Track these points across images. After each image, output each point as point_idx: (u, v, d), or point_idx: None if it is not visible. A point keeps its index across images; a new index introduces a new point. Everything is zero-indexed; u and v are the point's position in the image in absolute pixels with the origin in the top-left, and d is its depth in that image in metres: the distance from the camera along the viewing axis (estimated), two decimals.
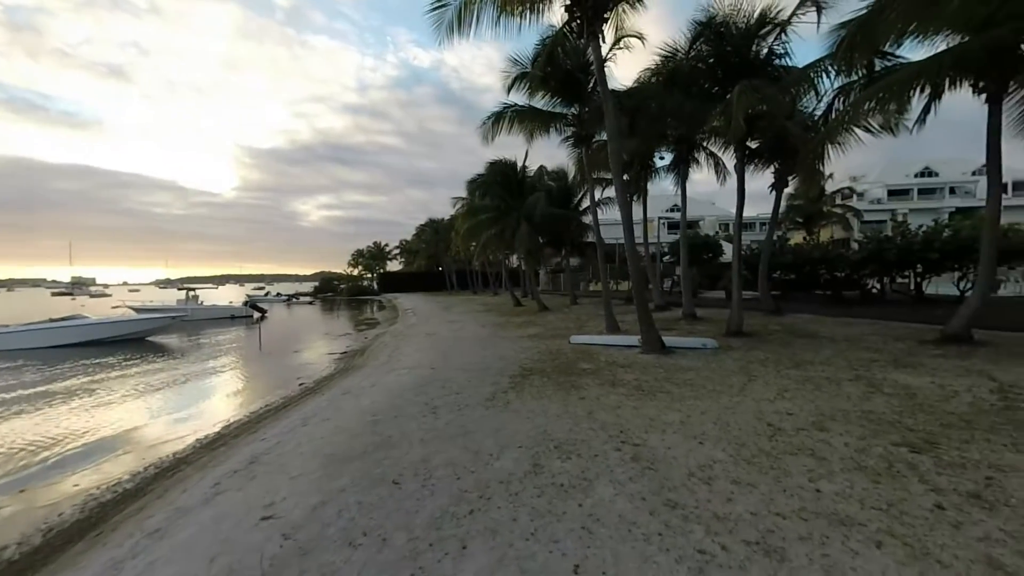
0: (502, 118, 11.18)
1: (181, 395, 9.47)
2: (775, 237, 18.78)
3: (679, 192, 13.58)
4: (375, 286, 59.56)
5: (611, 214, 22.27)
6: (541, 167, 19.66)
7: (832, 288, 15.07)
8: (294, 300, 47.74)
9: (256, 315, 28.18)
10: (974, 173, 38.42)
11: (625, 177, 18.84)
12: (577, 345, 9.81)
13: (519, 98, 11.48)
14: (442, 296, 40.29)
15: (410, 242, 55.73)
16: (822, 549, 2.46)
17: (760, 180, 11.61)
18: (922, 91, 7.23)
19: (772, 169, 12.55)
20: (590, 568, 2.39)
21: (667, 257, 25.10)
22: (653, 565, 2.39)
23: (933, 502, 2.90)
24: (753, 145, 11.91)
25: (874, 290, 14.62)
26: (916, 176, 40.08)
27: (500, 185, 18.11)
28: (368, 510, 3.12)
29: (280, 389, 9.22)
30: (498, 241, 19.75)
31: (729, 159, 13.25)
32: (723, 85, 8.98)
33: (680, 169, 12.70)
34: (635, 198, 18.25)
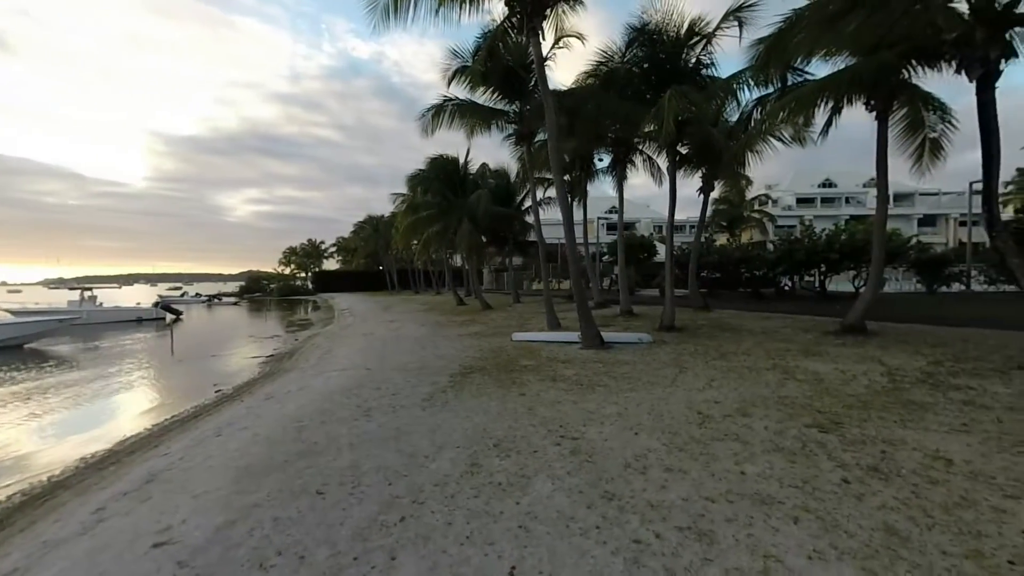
0: (442, 111, 10.89)
1: (68, 409, 8.24)
2: (702, 239, 20.10)
3: (617, 194, 14.06)
4: (309, 286, 56.22)
5: (553, 214, 22.67)
6: (484, 165, 19.59)
7: (752, 286, 16.40)
8: (216, 301, 43.82)
9: (169, 317, 25.47)
10: (865, 185, 43.73)
11: (567, 177, 19.27)
12: (519, 342, 9.80)
13: (460, 92, 11.29)
14: (382, 296, 38.89)
15: (348, 240, 53.18)
16: (747, 529, 2.55)
17: (691, 185, 12.34)
18: (825, 105, 8.01)
19: (700, 173, 13.37)
20: (526, 569, 2.29)
21: (606, 257, 26.02)
22: (590, 560, 2.34)
23: (840, 477, 3.13)
24: (683, 151, 12.63)
25: (786, 287, 16.10)
26: (819, 186, 44.94)
27: (442, 182, 17.74)
28: (285, 526, 2.82)
29: (193, 398, 8.31)
30: (440, 239, 19.35)
31: (663, 162, 13.95)
32: (656, 90, 9.39)
33: (617, 170, 13.14)
34: (576, 200, 18.73)
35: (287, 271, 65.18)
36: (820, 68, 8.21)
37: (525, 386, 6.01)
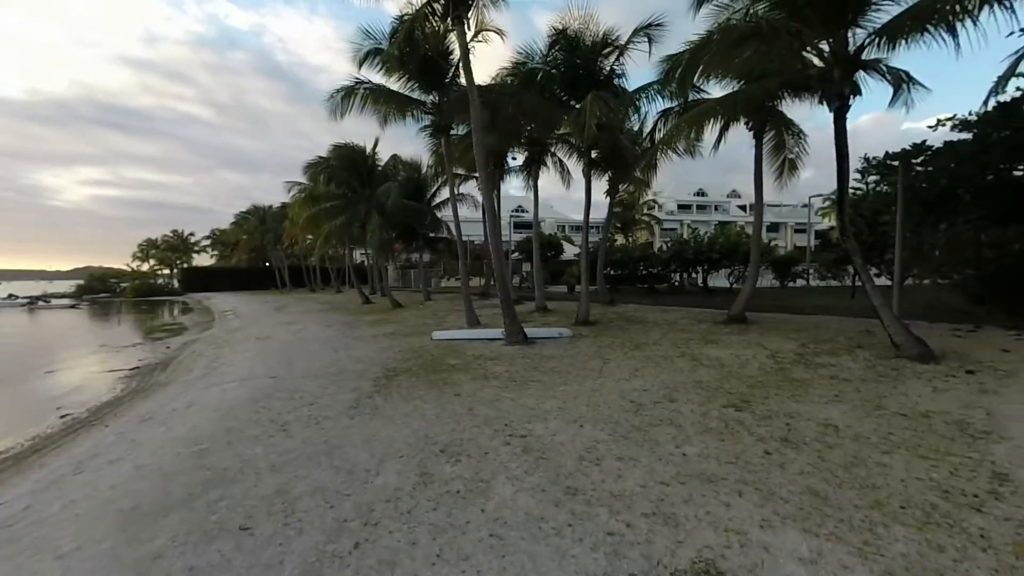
0: (353, 94, 10.03)
1: None
2: (613, 243, 21.63)
3: (529, 191, 14.38)
4: (175, 284, 48.30)
5: (465, 211, 22.47)
6: (394, 156, 18.54)
7: (648, 282, 18.10)
8: (42, 303, 35.38)
9: None
10: (728, 195, 50.99)
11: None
12: (440, 341, 9.50)
13: (374, 76, 10.53)
14: (272, 295, 34.96)
15: (227, 232, 46.63)
16: (704, 507, 2.73)
17: (597, 188, 13.06)
18: (717, 123, 9.07)
19: (607, 177, 14.28)
20: None
21: (515, 254, 26.57)
22: (571, 560, 2.31)
23: (763, 450, 3.54)
24: (594, 155, 13.38)
25: (676, 283, 18.07)
26: (694, 195, 51.40)
27: (347, 172, 16.41)
28: None
29: (25, 427, 6.54)
30: (344, 233, 17.96)
31: (573, 164, 14.62)
32: (573, 94, 9.79)
33: (532, 170, 13.46)
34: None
35: (145, 267, 55.14)
36: (715, 89, 9.31)
37: (458, 386, 5.82)
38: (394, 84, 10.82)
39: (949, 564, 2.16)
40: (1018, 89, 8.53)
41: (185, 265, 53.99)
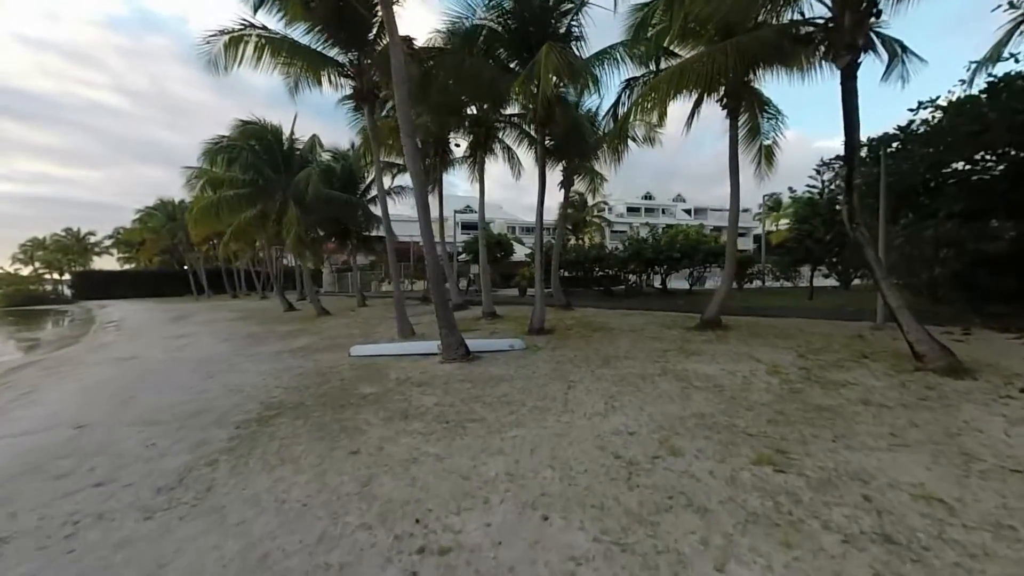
0: (242, 42, 7.74)
1: None
2: (567, 243, 20.30)
3: (475, 183, 12.63)
4: (66, 291, 41.53)
5: (403, 209, 20.32)
6: (314, 136, 15.90)
7: (604, 284, 16.92)
8: None
9: None
10: (673, 200, 52.13)
11: (427, 161, 17.18)
12: (360, 358, 7.49)
13: (273, 24, 8.30)
14: (185, 302, 30.52)
15: (132, 231, 40.62)
16: None
17: (551, 179, 11.60)
18: (693, 90, 7.83)
19: (561, 167, 12.87)
20: None
21: (463, 256, 24.69)
22: None
23: (866, 565, 2.00)
24: (549, 139, 11.89)
25: (634, 285, 17.03)
26: (643, 198, 52.05)
27: (257, 154, 13.74)
28: None
29: None
30: (258, 228, 15.23)
31: (525, 153, 13.07)
32: (523, 57, 8.21)
33: (477, 156, 11.72)
34: (431, 189, 16.81)
35: (26, 271, 47.16)
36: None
37: (361, 434, 3.93)
38: (304, 37, 8.65)
39: None
40: (990, 76, 8.06)
41: (78, 267, 46.75)
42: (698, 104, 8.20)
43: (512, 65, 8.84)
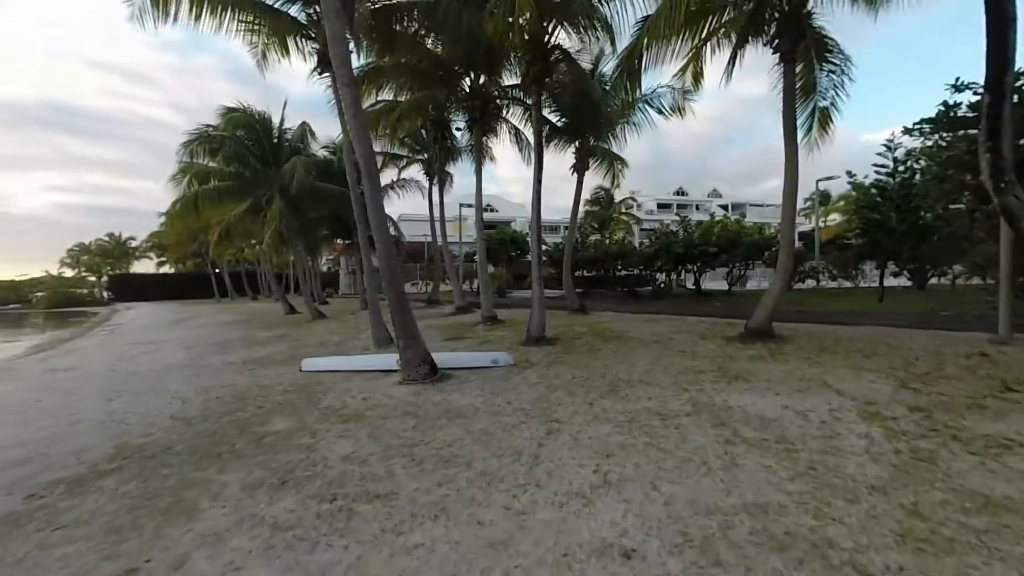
0: None
1: None
2: (576, 237, 18.45)
3: (475, 164, 11.03)
4: (104, 294, 42.94)
5: (415, 203, 19.03)
6: (303, 124, 14.70)
7: (628, 284, 14.96)
8: None
9: None
10: (708, 195, 49.00)
11: (424, 156, 15.81)
12: (310, 373, 6.07)
13: None
14: (205, 305, 30.50)
15: (159, 233, 41.48)
16: None
17: (564, 161, 9.98)
18: (728, 36, 6.01)
19: (574, 148, 11.15)
20: None
21: (478, 256, 23.19)
22: None
23: None
24: (554, 116, 10.21)
25: (662, 285, 15.03)
26: (674, 194, 49.13)
27: (244, 145, 12.67)
28: None
29: None
30: (252, 226, 14.24)
31: (531, 133, 11.39)
32: None
33: (475, 133, 10.15)
34: (432, 180, 15.44)
35: (72, 274, 49.31)
36: None
37: (188, 521, 2.41)
38: None
39: None
40: None
41: (113, 271, 48.41)
42: (740, 44, 6.29)
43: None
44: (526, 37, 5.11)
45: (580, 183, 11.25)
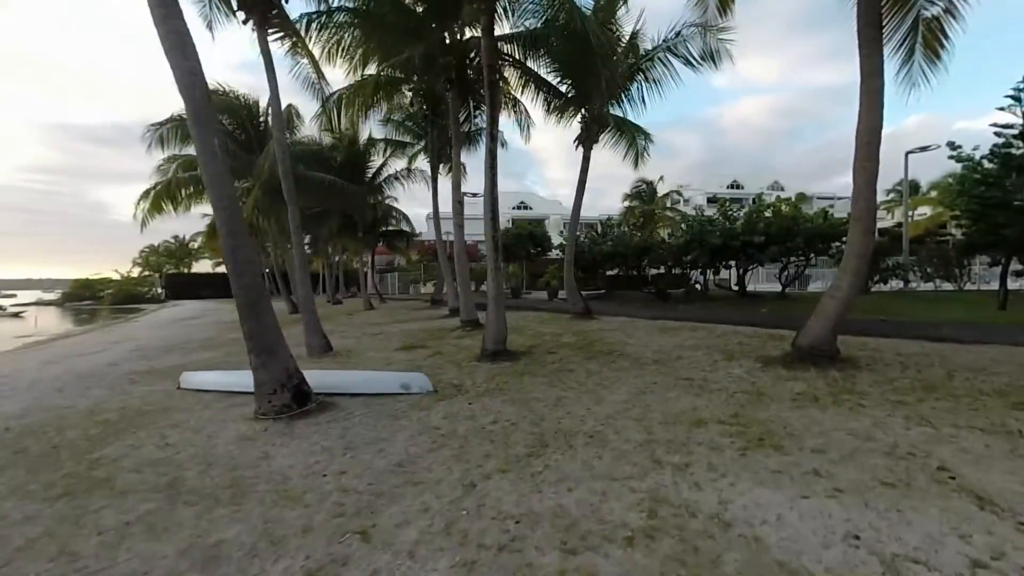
0: None
1: None
2: (596, 229, 16.22)
3: (454, 146, 9.35)
4: (160, 292, 45.68)
5: (470, 207, 17.63)
6: (290, 106, 13.43)
7: (656, 284, 12.60)
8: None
9: None
10: (769, 188, 44.28)
11: (422, 143, 14.33)
12: (187, 391, 4.70)
13: None
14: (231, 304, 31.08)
15: (205, 233, 43.30)
16: None
17: (566, 134, 8.08)
18: None
19: (580, 118, 9.17)
20: None
21: (486, 253, 21.47)
22: None
23: None
24: (543, 66, 8.29)
25: (698, 285, 12.56)
26: (728, 188, 44.70)
27: (225, 131, 11.79)
28: None
29: None
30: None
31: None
32: None
33: (451, 100, 8.44)
34: (441, 168, 13.93)
35: (138, 274, 53.18)
36: None
37: None
38: None
39: None
40: None
41: (173, 270, 51.58)
42: None
43: None
44: None
45: (587, 159, 9.22)
